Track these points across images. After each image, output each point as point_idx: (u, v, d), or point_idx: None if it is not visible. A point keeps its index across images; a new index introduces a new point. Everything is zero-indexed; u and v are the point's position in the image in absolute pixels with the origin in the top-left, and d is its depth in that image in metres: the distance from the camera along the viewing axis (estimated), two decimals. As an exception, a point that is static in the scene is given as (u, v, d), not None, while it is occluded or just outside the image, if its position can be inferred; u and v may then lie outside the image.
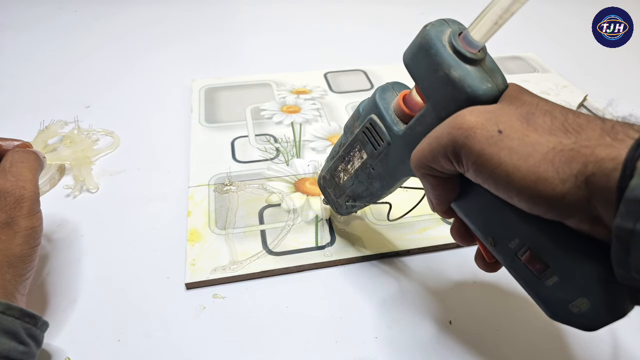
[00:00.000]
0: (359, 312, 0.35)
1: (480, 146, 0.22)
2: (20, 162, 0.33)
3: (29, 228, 0.30)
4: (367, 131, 0.31)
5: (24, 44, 0.74)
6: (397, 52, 0.81)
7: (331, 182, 0.37)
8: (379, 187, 0.33)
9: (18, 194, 0.30)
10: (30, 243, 0.30)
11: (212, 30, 0.79)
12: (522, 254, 0.24)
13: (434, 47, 0.25)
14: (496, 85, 0.25)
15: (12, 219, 0.30)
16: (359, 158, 0.33)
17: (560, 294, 0.23)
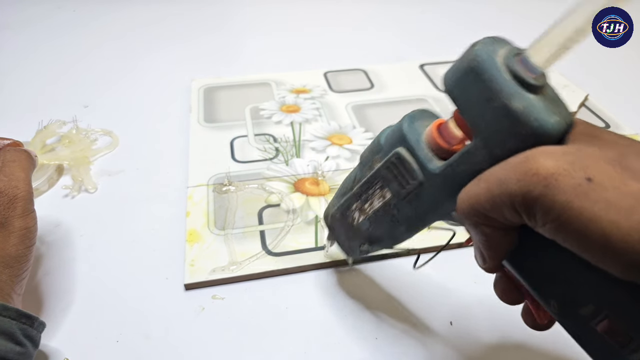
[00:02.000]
0: (359, 312, 0.35)
1: (565, 197, 0.17)
2: (12, 162, 0.32)
3: (24, 228, 0.30)
4: (392, 167, 0.26)
5: (23, 44, 0.74)
6: (397, 51, 0.81)
7: (342, 223, 0.32)
8: (403, 231, 0.29)
9: (11, 194, 0.30)
10: (26, 243, 0.30)
11: (211, 30, 0.79)
12: (598, 323, 0.20)
13: (488, 71, 0.20)
14: (564, 119, 0.20)
15: (6, 219, 0.30)
16: (380, 197, 0.28)
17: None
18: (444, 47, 0.73)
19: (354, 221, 0.31)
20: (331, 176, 0.46)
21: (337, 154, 0.49)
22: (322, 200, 0.43)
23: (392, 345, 0.33)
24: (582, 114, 0.56)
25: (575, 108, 0.56)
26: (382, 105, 0.58)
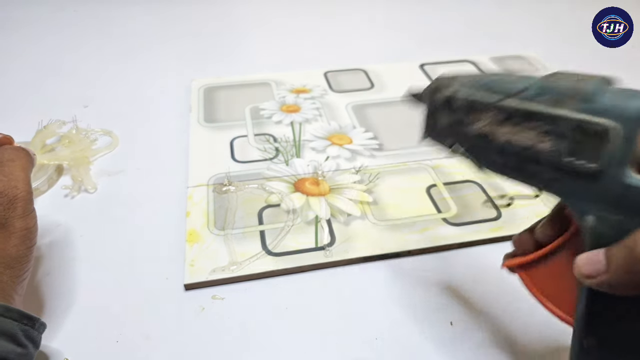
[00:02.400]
0: (359, 313, 0.35)
1: None
2: (11, 161, 0.32)
3: (24, 228, 0.30)
4: (585, 132, 0.20)
5: (23, 44, 0.74)
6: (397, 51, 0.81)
7: (458, 112, 0.25)
8: (509, 171, 0.24)
9: (11, 195, 0.30)
10: (26, 243, 0.30)
11: (211, 30, 0.79)
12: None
13: None
14: None
15: (7, 220, 0.29)
16: (534, 139, 0.22)
17: None
18: (444, 47, 0.73)
19: (474, 125, 0.24)
20: (331, 176, 0.46)
21: (337, 154, 0.49)
22: (322, 200, 0.43)
23: (392, 345, 0.33)
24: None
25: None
26: (382, 105, 0.58)
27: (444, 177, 0.46)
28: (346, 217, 0.42)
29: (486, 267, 0.38)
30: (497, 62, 0.68)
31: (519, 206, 0.43)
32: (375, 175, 0.46)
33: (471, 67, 0.66)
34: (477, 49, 0.71)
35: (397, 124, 0.54)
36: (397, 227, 0.41)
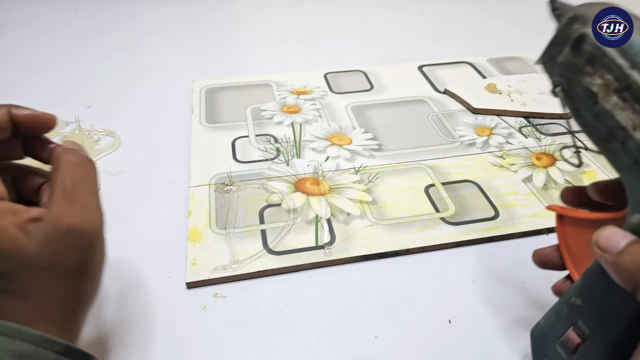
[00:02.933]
0: (358, 311, 0.35)
1: None
2: (84, 182, 0.26)
3: (101, 265, 0.26)
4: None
5: (25, 44, 0.74)
6: (396, 53, 0.81)
7: (585, 67, 0.23)
8: (594, 142, 0.23)
9: (91, 234, 0.25)
10: (100, 279, 0.27)
11: (212, 31, 0.79)
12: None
13: None
14: None
15: (85, 263, 0.25)
16: (631, 123, 0.20)
17: None
18: (442, 49, 0.73)
19: (589, 79, 0.22)
20: (331, 176, 0.47)
21: (337, 154, 0.50)
22: (322, 199, 0.44)
23: (392, 344, 0.33)
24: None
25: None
26: (381, 106, 0.59)
27: (442, 177, 0.47)
28: (346, 216, 0.42)
29: (484, 266, 0.39)
30: (495, 63, 0.68)
31: (517, 206, 0.43)
32: (375, 175, 0.47)
33: (469, 68, 0.67)
34: (475, 51, 0.71)
35: (396, 125, 0.55)
36: (396, 227, 0.41)
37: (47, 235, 0.24)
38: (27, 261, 0.23)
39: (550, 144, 0.52)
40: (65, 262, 0.24)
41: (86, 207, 0.25)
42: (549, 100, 0.58)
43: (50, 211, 0.24)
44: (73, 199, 0.25)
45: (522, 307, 0.35)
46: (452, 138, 0.52)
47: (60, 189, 0.25)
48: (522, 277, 0.37)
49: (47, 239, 0.24)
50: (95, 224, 0.26)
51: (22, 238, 0.23)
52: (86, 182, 0.27)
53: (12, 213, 0.24)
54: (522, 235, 0.41)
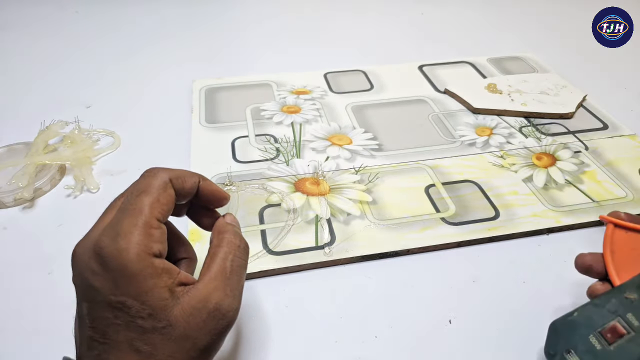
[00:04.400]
0: (358, 311, 0.35)
1: None
2: (241, 268, 0.27)
3: (217, 350, 0.26)
4: None
5: (25, 44, 0.74)
6: (397, 52, 0.81)
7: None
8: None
9: (230, 319, 0.25)
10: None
11: (212, 31, 0.79)
12: None
13: None
14: None
15: (213, 345, 0.25)
16: None
17: None
18: (442, 49, 0.73)
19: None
20: (331, 176, 0.47)
21: (337, 154, 0.50)
22: (322, 199, 0.44)
23: (392, 344, 0.33)
24: (580, 115, 0.57)
25: (573, 109, 0.56)
26: (381, 106, 0.59)
27: (442, 177, 0.47)
28: (346, 216, 0.42)
29: (484, 266, 0.39)
30: (495, 63, 0.68)
31: (518, 206, 0.43)
32: (375, 175, 0.47)
33: (470, 68, 0.67)
34: (475, 50, 0.71)
35: (397, 125, 0.55)
36: (396, 227, 0.41)
37: (194, 306, 0.24)
38: (167, 325, 0.23)
39: (550, 144, 0.52)
40: (199, 338, 0.24)
41: (235, 293, 0.26)
42: (550, 100, 0.58)
43: (204, 284, 0.25)
44: (228, 281, 0.25)
45: (522, 307, 0.35)
46: (452, 138, 0.52)
47: (221, 267, 0.26)
48: (522, 277, 0.37)
49: (192, 310, 0.24)
50: (236, 312, 0.26)
51: (170, 300, 0.23)
52: (242, 268, 0.27)
53: (167, 274, 0.24)
54: (522, 235, 0.41)
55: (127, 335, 0.23)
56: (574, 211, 0.43)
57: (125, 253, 0.23)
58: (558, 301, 0.36)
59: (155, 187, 0.26)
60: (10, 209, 0.44)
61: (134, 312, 0.23)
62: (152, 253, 0.24)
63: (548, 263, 0.39)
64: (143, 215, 0.24)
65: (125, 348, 0.23)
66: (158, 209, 0.25)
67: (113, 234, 0.23)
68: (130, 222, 0.24)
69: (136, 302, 0.23)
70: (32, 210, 0.44)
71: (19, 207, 0.44)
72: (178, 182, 0.28)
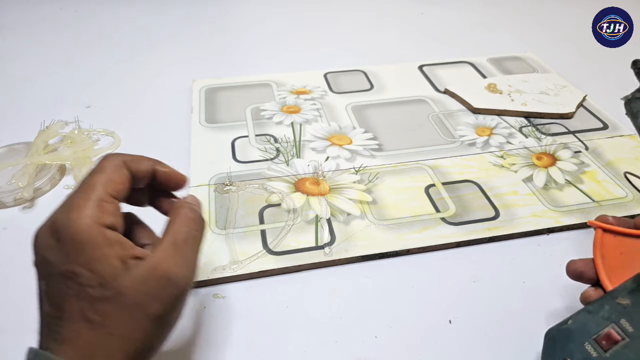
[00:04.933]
0: (358, 311, 0.35)
1: None
2: (193, 239, 0.28)
3: (175, 321, 0.26)
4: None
5: (25, 44, 0.74)
6: (397, 52, 0.81)
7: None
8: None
9: (182, 286, 0.26)
10: (167, 336, 0.27)
11: (212, 31, 0.79)
12: None
13: None
14: None
15: (168, 313, 0.25)
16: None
17: None
18: (442, 49, 0.73)
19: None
20: (331, 176, 0.47)
21: (337, 154, 0.50)
22: (322, 199, 0.44)
23: (391, 343, 0.33)
24: (580, 115, 0.57)
25: (573, 109, 0.56)
26: (381, 105, 0.59)
27: (442, 177, 0.47)
28: (346, 216, 0.42)
29: (484, 266, 0.39)
30: (495, 63, 0.68)
31: (518, 205, 0.43)
32: (375, 175, 0.47)
33: (470, 68, 0.67)
34: (475, 50, 0.71)
35: (397, 125, 0.55)
36: (396, 227, 0.41)
37: (143, 275, 0.24)
38: (117, 293, 0.24)
39: (550, 144, 0.52)
40: (149, 306, 0.24)
41: (187, 261, 0.26)
42: (550, 100, 0.58)
43: (153, 254, 0.25)
44: (179, 250, 0.26)
45: (522, 307, 0.35)
46: (452, 138, 0.52)
47: (171, 237, 0.26)
48: (522, 277, 0.37)
49: (141, 279, 0.24)
50: (188, 280, 0.26)
51: (120, 270, 0.24)
52: (195, 240, 0.28)
53: (120, 245, 0.25)
54: (522, 235, 0.41)
55: (78, 306, 0.23)
56: (574, 211, 0.43)
57: (76, 223, 0.24)
58: (558, 301, 0.36)
59: (108, 167, 0.27)
60: (10, 209, 0.44)
61: (84, 280, 0.23)
62: (103, 224, 0.25)
63: (548, 263, 0.39)
64: (95, 191, 0.25)
65: (78, 319, 0.23)
66: (111, 186, 0.26)
67: (66, 209, 0.25)
68: (83, 196, 0.25)
69: (86, 271, 0.23)
70: (32, 210, 0.44)
71: (19, 207, 0.44)
72: (132, 163, 0.28)
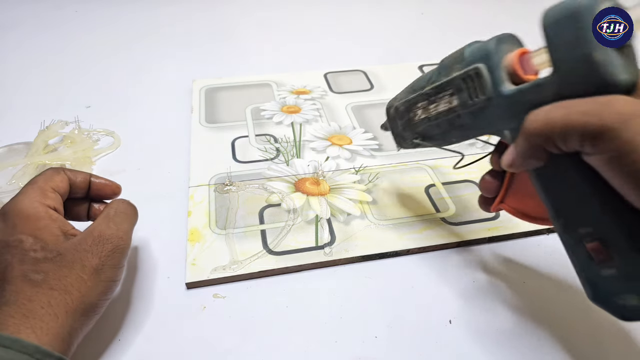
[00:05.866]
0: (358, 311, 0.35)
1: (631, 135, 0.21)
2: (124, 213, 0.33)
3: (112, 280, 0.30)
4: (468, 79, 0.29)
5: (24, 44, 0.74)
6: (397, 52, 0.81)
7: (404, 115, 0.36)
8: (456, 135, 0.32)
9: (115, 244, 0.30)
10: (107, 294, 0.30)
11: (212, 31, 0.79)
12: (589, 242, 0.25)
13: (584, 20, 0.22)
14: (632, 77, 0.23)
15: (102, 266, 0.29)
16: (447, 103, 0.31)
17: (612, 284, 0.24)
18: (442, 49, 0.73)
19: (416, 117, 0.34)
20: (331, 176, 0.47)
21: (337, 154, 0.50)
22: (322, 199, 0.44)
23: (391, 343, 0.33)
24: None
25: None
26: (381, 105, 0.58)
27: (442, 177, 0.47)
28: (346, 216, 0.42)
29: (484, 265, 0.39)
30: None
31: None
32: (375, 175, 0.47)
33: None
34: (476, 50, 0.71)
35: (397, 125, 0.55)
36: (397, 227, 0.41)
37: (81, 238, 0.30)
38: (57, 254, 0.28)
39: (550, 144, 0.52)
40: (86, 260, 0.29)
41: (119, 227, 0.32)
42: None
43: (89, 227, 0.31)
44: (111, 220, 0.32)
45: (522, 307, 0.35)
46: (452, 138, 0.52)
47: (104, 213, 0.32)
48: (522, 277, 0.37)
49: (79, 240, 0.30)
50: (121, 240, 0.31)
51: (61, 238, 0.29)
52: (126, 214, 0.33)
53: (61, 222, 0.31)
54: (522, 235, 0.41)
55: (21, 269, 0.27)
56: (574, 211, 0.43)
57: (21, 202, 0.30)
58: (558, 301, 0.36)
59: (48, 171, 0.33)
60: (10, 209, 0.44)
61: (28, 246, 0.28)
62: (46, 204, 0.30)
63: (548, 263, 0.39)
64: (38, 184, 0.31)
65: (19, 282, 0.27)
66: (52, 182, 0.32)
67: (12, 198, 0.31)
68: (26, 187, 0.31)
69: (30, 238, 0.28)
70: (32, 210, 0.44)
71: (19, 207, 0.44)
72: (71, 173, 0.34)
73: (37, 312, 0.26)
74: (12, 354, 0.23)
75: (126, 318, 0.34)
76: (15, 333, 0.25)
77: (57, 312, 0.27)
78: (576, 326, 0.34)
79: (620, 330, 0.34)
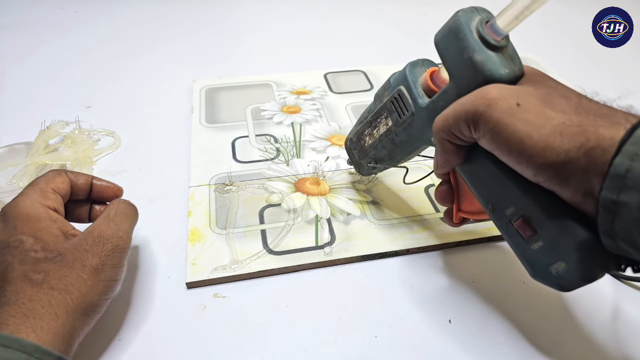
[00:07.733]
0: (358, 311, 0.35)
1: (499, 115, 0.25)
2: (124, 213, 0.33)
3: (112, 279, 0.30)
4: (394, 101, 0.35)
5: (25, 45, 0.74)
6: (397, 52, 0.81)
7: (357, 145, 0.41)
8: (399, 153, 0.37)
9: (115, 243, 0.31)
10: (108, 294, 0.30)
11: (213, 31, 0.79)
12: (515, 221, 0.27)
13: (462, 31, 0.28)
14: (513, 71, 0.28)
15: (103, 266, 0.30)
16: (385, 125, 0.37)
17: (543, 256, 0.26)
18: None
19: (365, 144, 0.40)
20: (331, 176, 0.47)
21: (337, 154, 0.50)
22: (322, 199, 0.44)
23: (391, 343, 0.33)
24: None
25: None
26: (382, 105, 0.58)
27: (443, 177, 0.47)
28: (346, 216, 0.42)
29: (483, 265, 0.39)
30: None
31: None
32: (375, 175, 0.47)
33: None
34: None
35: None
36: (396, 226, 0.41)
37: (81, 237, 0.30)
38: (58, 254, 0.29)
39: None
40: (86, 259, 0.29)
41: (119, 227, 0.32)
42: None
43: (89, 227, 0.31)
44: (111, 220, 0.32)
45: (522, 307, 0.35)
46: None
47: (105, 214, 0.33)
48: (522, 277, 0.37)
49: (79, 240, 0.30)
50: (121, 240, 0.31)
51: (61, 238, 0.30)
52: (126, 214, 0.34)
53: (61, 222, 0.31)
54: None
55: (21, 270, 0.27)
56: (574, 211, 0.43)
57: (22, 203, 0.30)
58: (557, 301, 0.36)
59: (50, 172, 0.33)
60: (10, 209, 0.44)
61: (29, 246, 0.28)
62: (46, 205, 0.31)
63: (548, 263, 0.39)
64: (38, 185, 0.31)
65: (20, 282, 0.27)
66: (53, 183, 0.32)
67: (13, 199, 0.31)
68: (27, 188, 0.31)
69: (31, 238, 0.28)
70: (33, 210, 0.44)
71: (20, 207, 0.44)
72: (72, 175, 0.34)
73: (38, 312, 0.26)
74: (11, 353, 0.23)
75: (126, 318, 0.34)
76: (16, 332, 0.25)
77: (57, 312, 0.27)
78: (576, 326, 0.34)
79: (621, 330, 0.34)
